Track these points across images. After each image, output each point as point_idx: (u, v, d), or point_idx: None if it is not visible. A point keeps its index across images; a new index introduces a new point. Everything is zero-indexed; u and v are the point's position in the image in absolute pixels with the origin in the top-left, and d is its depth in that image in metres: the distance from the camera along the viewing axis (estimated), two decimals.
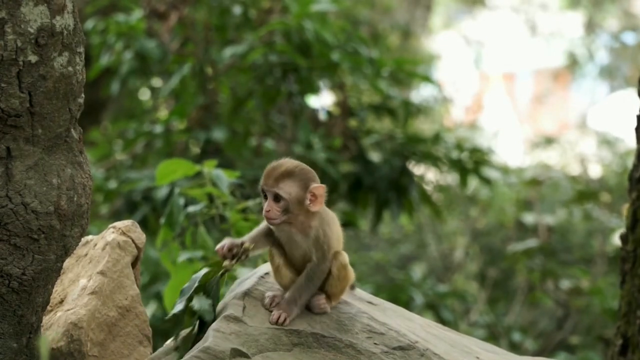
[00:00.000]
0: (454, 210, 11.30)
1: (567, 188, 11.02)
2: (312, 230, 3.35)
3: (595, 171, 12.66)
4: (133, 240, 3.67)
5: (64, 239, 3.25)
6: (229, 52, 7.40)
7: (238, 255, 3.34)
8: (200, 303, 3.36)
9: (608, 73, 18.34)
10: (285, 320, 3.31)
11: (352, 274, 3.45)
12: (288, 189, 3.32)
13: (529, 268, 9.84)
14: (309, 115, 7.66)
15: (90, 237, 3.74)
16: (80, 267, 3.67)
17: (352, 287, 3.55)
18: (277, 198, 3.32)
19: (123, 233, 3.66)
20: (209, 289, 3.39)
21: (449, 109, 15.38)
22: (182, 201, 4.54)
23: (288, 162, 3.37)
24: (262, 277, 3.46)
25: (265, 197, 3.35)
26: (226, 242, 3.36)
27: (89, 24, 7.78)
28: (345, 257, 3.42)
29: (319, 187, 3.35)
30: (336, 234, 3.40)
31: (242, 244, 3.35)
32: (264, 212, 3.33)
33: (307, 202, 3.33)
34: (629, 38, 18.28)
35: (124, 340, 3.57)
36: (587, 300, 9.53)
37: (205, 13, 7.59)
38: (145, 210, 7.20)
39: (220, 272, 3.41)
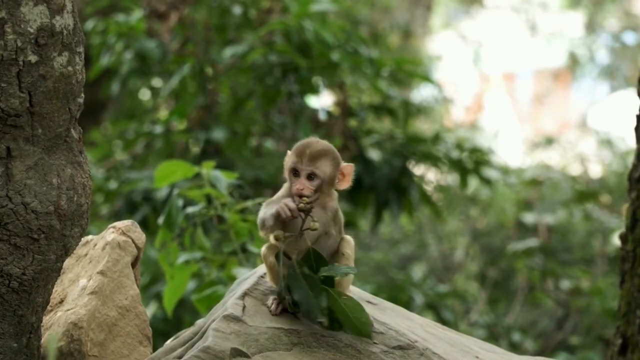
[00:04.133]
0: (454, 211, 11.30)
1: (567, 188, 11.02)
2: (333, 203, 3.37)
3: (595, 171, 12.66)
4: (133, 240, 3.67)
5: (64, 239, 3.25)
6: (229, 52, 7.40)
7: (307, 206, 3.28)
8: (332, 270, 3.28)
9: (608, 73, 18.35)
10: None
11: None
12: (324, 168, 3.33)
13: (529, 268, 9.84)
14: (309, 115, 7.67)
15: (90, 237, 3.74)
16: (80, 267, 3.67)
17: None
18: (311, 177, 3.32)
19: (123, 233, 3.66)
20: (317, 258, 3.28)
21: (449, 109, 15.38)
22: (180, 202, 4.54)
23: (319, 142, 3.39)
24: (261, 276, 3.46)
25: (296, 176, 3.33)
26: (290, 205, 3.28)
27: (89, 24, 7.78)
28: (352, 242, 3.44)
29: (348, 167, 3.38)
30: None
31: (303, 203, 3.28)
32: (295, 190, 3.30)
33: (337, 180, 3.36)
34: (629, 38, 18.29)
35: (124, 340, 3.57)
36: (587, 300, 9.54)
37: (205, 13, 7.59)
38: (145, 210, 7.21)
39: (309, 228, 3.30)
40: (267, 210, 3.33)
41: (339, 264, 3.35)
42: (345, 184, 3.38)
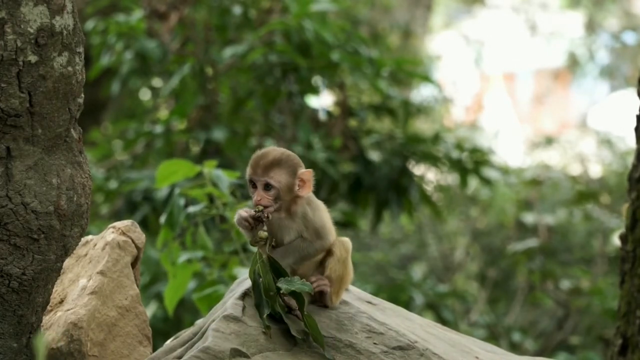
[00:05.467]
0: (454, 210, 11.30)
1: (567, 188, 11.02)
2: (300, 208, 3.36)
3: (595, 171, 12.65)
4: (133, 240, 3.67)
5: (63, 239, 3.25)
6: (229, 52, 7.40)
7: (262, 217, 3.30)
8: (288, 283, 3.28)
9: (608, 73, 18.35)
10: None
11: (351, 269, 3.46)
12: (278, 177, 3.34)
13: (529, 268, 9.84)
14: (309, 115, 7.67)
15: (90, 237, 3.74)
16: (80, 267, 3.67)
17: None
18: (267, 187, 3.33)
19: (123, 233, 3.66)
20: (274, 267, 3.29)
21: (449, 109, 15.38)
22: (182, 201, 4.55)
23: (274, 151, 3.39)
24: None
25: (254, 187, 3.35)
26: (242, 214, 3.32)
27: (89, 24, 7.78)
28: (349, 243, 3.43)
29: (306, 172, 3.37)
30: (327, 218, 3.42)
31: (255, 210, 3.31)
32: (254, 201, 3.33)
33: (296, 188, 3.35)
34: (629, 38, 18.28)
35: (124, 340, 3.57)
36: (588, 300, 9.53)
37: (205, 13, 7.59)
38: (145, 210, 7.21)
39: (265, 245, 3.31)
40: None
41: (316, 271, 3.36)
42: (307, 190, 3.37)
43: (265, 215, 3.31)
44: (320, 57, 7.34)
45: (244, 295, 3.38)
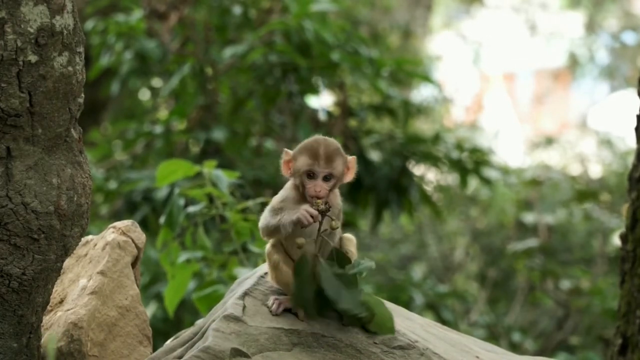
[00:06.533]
0: (454, 211, 11.30)
1: (567, 188, 11.03)
2: (338, 200, 3.37)
3: (595, 171, 12.66)
4: (133, 240, 3.67)
5: (64, 239, 3.25)
6: (229, 52, 7.41)
7: (325, 207, 3.26)
8: (355, 267, 3.26)
9: (608, 73, 18.36)
10: None
11: None
12: (339, 168, 3.32)
13: (529, 268, 9.85)
14: (309, 115, 7.67)
15: (90, 237, 3.74)
16: (80, 267, 3.67)
17: None
18: (327, 177, 3.31)
19: (123, 233, 3.66)
20: (341, 257, 3.27)
21: (449, 109, 15.39)
22: (182, 201, 4.55)
23: (329, 140, 3.36)
24: (262, 276, 3.46)
25: (311, 177, 3.30)
26: (312, 211, 3.25)
27: (89, 24, 7.79)
28: (354, 239, 3.44)
29: (352, 160, 3.38)
30: None
31: (320, 205, 3.27)
32: (312, 192, 3.27)
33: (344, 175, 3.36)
34: (629, 38, 18.30)
35: (124, 340, 3.57)
36: (588, 300, 9.54)
37: (205, 13, 7.59)
38: (145, 210, 7.21)
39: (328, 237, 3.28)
40: (280, 217, 3.30)
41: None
42: (350, 176, 3.38)
43: (329, 207, 3.27)
44: (320, 57, 7.34)
45: (245, 295, 3.38)
